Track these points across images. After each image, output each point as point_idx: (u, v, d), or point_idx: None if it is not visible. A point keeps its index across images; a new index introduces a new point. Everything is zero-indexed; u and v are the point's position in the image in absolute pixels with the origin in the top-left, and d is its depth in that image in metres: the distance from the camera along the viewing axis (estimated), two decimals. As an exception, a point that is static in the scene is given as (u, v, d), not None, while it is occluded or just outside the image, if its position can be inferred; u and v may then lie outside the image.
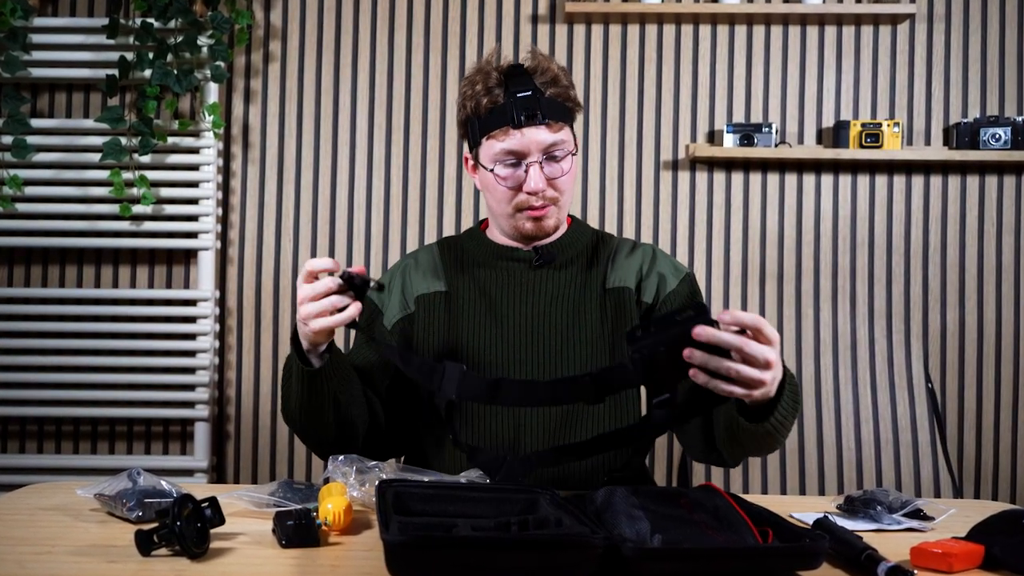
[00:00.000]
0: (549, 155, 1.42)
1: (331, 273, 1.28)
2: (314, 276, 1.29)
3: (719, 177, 2.79)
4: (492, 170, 1.43)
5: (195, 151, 2.74)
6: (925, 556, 0.99)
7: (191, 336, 2.73)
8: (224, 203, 2.80)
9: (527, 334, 1.47)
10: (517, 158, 1.42)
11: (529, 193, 1.42)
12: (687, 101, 2.80)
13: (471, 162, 1.51)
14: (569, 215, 1.57)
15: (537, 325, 1.47)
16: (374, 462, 1.27)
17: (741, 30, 2.80)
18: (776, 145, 2.71)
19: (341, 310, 1.27)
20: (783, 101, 2.80)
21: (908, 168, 2.79)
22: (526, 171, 1.41)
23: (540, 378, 1.44)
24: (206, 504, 1.04)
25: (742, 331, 1.11)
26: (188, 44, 2.62)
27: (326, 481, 1.23)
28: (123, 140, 2.66)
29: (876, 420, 2.66)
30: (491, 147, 1.43)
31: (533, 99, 1.40)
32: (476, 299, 1.50)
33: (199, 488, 1.28)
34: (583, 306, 1.49)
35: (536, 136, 1.40)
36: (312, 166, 2.80)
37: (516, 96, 1.40)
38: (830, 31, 2.80)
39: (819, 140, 2.80)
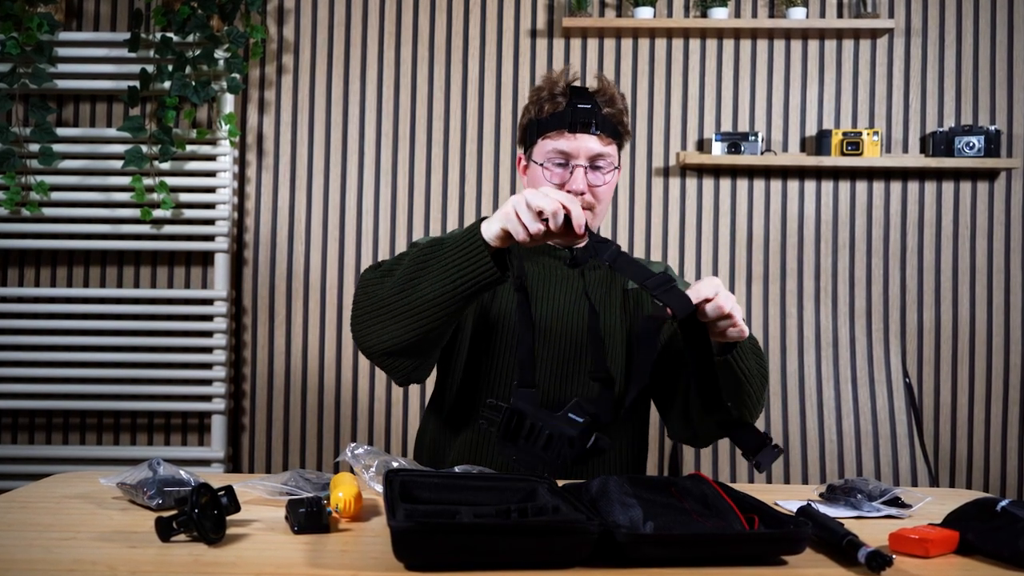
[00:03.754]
0: (594, 164, 1.46)
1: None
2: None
3: (708, 183, 2.79)
4: (542, 164, 1.47)
5: (212, 158, 2.74)
6: (903, 542, 0.99)
7: (208, 334, 2.73)
8: (239, 208, 2.80)
9: (557, 319, 1.49)
10: (566, 159, 1.46)
11: (571, 192, 1.44)
12: (678, 111, 2.80)
13: (524, 162, 1.55)
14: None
15: (565, 313, 1.50)
16: (388, 455, 1.27)
17: (729, 44, 2.80)
18: (762, 153, 2.71)
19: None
20: (768, 111, 2.80)
21: (887, 175, 2.78)
22: (571, 172, 1.45)
23: (564, 360, 1.47)
24: (222, 492, 1.04)
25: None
26: (205, 57, 2.62)
27: (337, 467, 1.22)
28: (144, 148, 2.66)
29: (856, 413, 2.66)
30: (545, 146, 1.47)
31: (591, 112, 1.45)
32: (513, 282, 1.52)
33: (216, 477, 1.28)
34: (607, 302, 1.53)
35: (587, 143, 1.45)
36: (323, 173, 2.80)
37: (577, 106, 1.45)
38: (813, 45, 2.80)
39: (803, 148, 2.79)
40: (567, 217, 1.15)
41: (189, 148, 2.71)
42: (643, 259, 1.63)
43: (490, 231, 1.19)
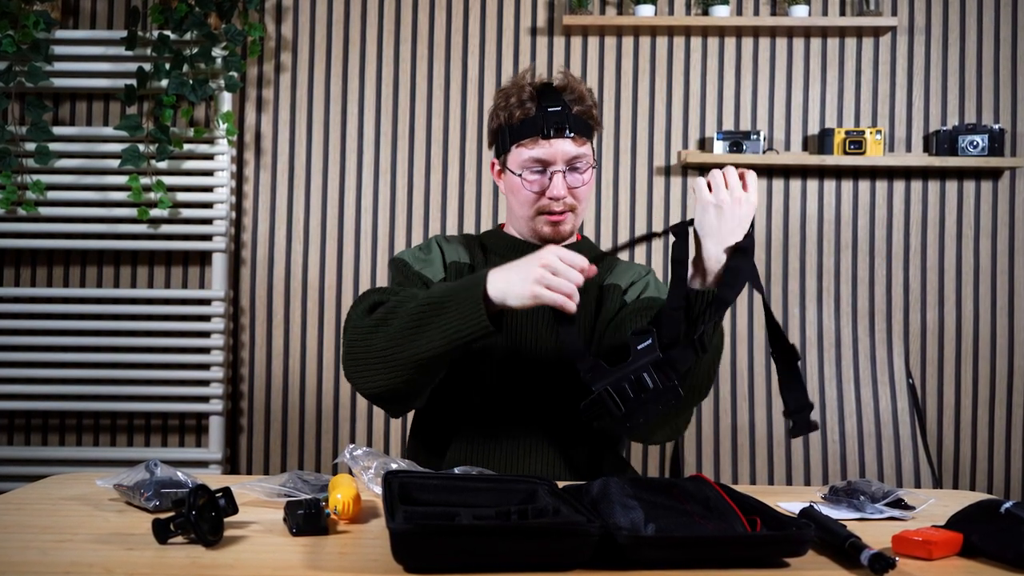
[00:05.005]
0: (572, 166, 1.47)
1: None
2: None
3: (709, 182, 2.79)
4: (520, 175, 1.47)
5: (210, 157, 2.74)
6: (906, 544, 0.99)
7: (205, 334, 2.73)
8: (237, 207, 2.80)
9: (528, 314, 1.49)
10: (543, 166, 1.46)
11: (551, 199, 1.47)
12: (679, 110, 2.80)
13: (497, 167, 1.55)
14: (579, 233, 1.61)
15: (538, 308, 1.49)
16: (388, 456, 1.27)
17: (731, 42, 2.80)
18: (764, 152, 2.71)
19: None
20: (770, 110, 2.80)
21: (890, 174, 2.78)
22: (550, 178, 1.46)
23: (534, 351, 1.47)
24: (220, 494, 1.04)
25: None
26: (203, 55, 2.62)
27: (335, 469, 1.22)
28: (141, 147, 2.66)
29: (859, 414, 2.66)
30: (520, 154, 1.47)
31: (562, 114, 1.45)
32: (490, 263, 1.52)
33: (213, 479, 1.28)
34: (581, 297, 1.51)
35: (562, 147, 1.45)
36: (321, 171, 2.80)
37: (547, 110, 1.45)
38: (815, 43, 2.80)
39: (805, 147, 2.79)
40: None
41: (186, 147, 2.71)
42: (628, 261, 1.63)
43: (509, 295, 1.23)
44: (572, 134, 1.45)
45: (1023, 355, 2.77)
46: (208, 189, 2.74)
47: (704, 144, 2.79)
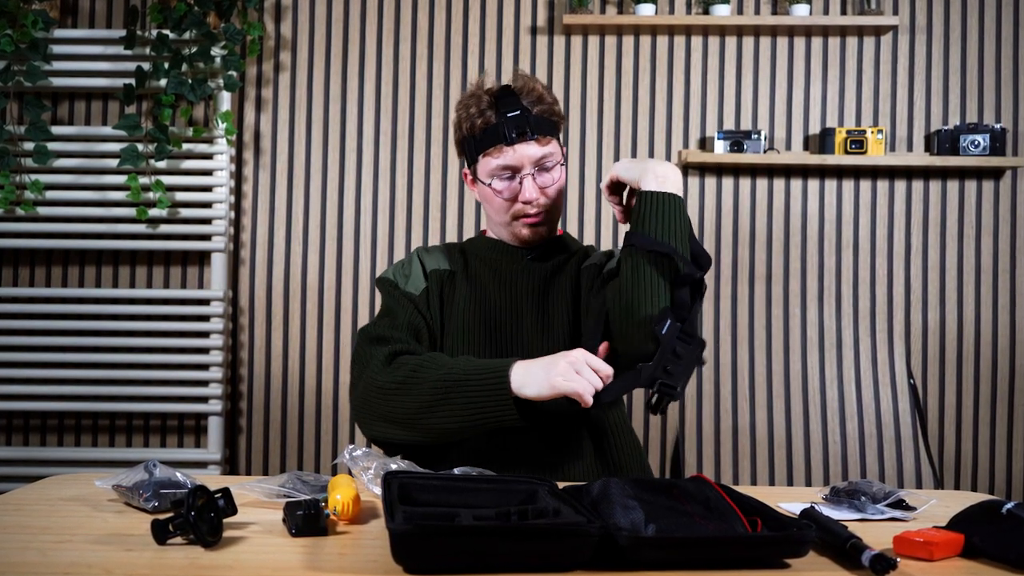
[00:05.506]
0: (540, 166, 1.48)
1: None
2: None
3: (710, 182, 2.79)
4: (490, 184, 1.49)
5: (208, 157, 2.74)
6: (907, 545, 0.99)
7: (204, 334, 2.73)
8: (236, 207, 2.80)
9: (507, 311, 1.51)
10: (512, 171, 1.48)
11: (524, 202, 1.48)
12: (680, 109, 2.80)
13: (470, 177, 1.57)
14: (561, 228, 1.63)
15: (519, 298, 1.52)
16: (387, 457, 1.27)
17: (731, 41, 2.80)
18: (765, 151, 2.71)
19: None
20: (771, 109, 2.80)
21: (891, 173, 2.78)
22: (520, 183, 1.48)
23: (518, 348, 1.49)
24: (219, 495, 1.04)
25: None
26: (202, 55, 2.62)
27: (335, 469, 1.23)
28: (140, 146, 2.66)
29: (860, 415, 2.66)
30: (487, 163, 1.49)
31: (522, 118, 1.46)
32: (472, 277, 1.56)
33: (212, 479, 1.28)
34: (559, 282, 1.54)
35: (527, 151, 1.46)
36: (320, 171, 2.80)
37: (507, 116, 1.46)
38: (816, 42, 2.80)
39: (806, 146, 2.79)
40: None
41: (185, 147, 2.71)
42: (607, 250, 1.62)
43: (526, 386, 1.26)
44: (535, 136, 1.46)
45: (1025, 355, 2.77)
46: (207, 189, 2.74)
47: (705, 144, 2.79)
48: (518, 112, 1.45)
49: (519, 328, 1.50)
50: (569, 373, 1.24)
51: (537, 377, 1.26)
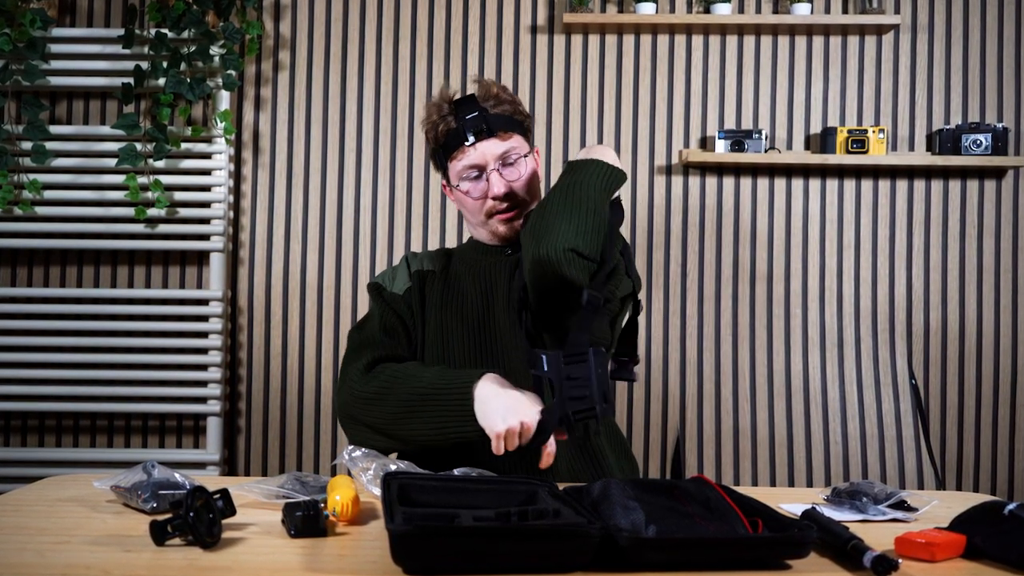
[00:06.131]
0: (505, 162, 1.52)
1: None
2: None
3: (711, 181, 2.79)
4: (459, 186, 1.54)
5: (207, 156, 2.74)
6: (909, 546, 0.99)
7: (203, 334, 2.73)
8: (235, 206, 2.80)
9: (481, 307, 1.54)
10: (478, 170, 1.52)
11: (493, 198, 1.52)
12: (680, 108, 2.80)
13: (447, 186, 1.61)
14: None
15: (494, 294, 1.54)
16: (386, 457, 1.28)
17: (732, 40, 2.80)
18: (766, 151, 2.71)
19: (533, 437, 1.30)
20: (772, 108, 2.80)
21: (893, 173, 2.78)
22: (487, 180, 1.52)
23: (494, 343, 1.50)
24: (218, 496, 1.04)
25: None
26: (201, 54, 2.62)
27: (334, 470, 1.23)
28: (138, 146, 2.66)
29: (862, 415, 2.66)
30: (455, 167, 1.54)
31: (480, 118, 1.51)
32: (451, 277, 1.60)
33: (211, 480, 1.28)
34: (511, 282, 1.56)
35: (489, 148, 1.51)
36: (320, 170, 2.80)
37: (465, 119, 1.51)
38: (818, 41, 2.80)
39: (807, 146, 2.79)
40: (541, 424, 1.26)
41: (184, 146, 2.71)
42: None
43: (480, 415, 1.31)
44: (495, 133, 1.50)
45: (1027, 356, 2.77)
46: (206, 188, 2.74)
47: (706, 143, 2.79)
48: (476, 113, 1.51)
49: (493, 323, 1.52)
50: (512, 436, 1.27)
51: (490, 418, 1.29)
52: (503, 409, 1.28)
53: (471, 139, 1.50)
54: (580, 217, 1.33)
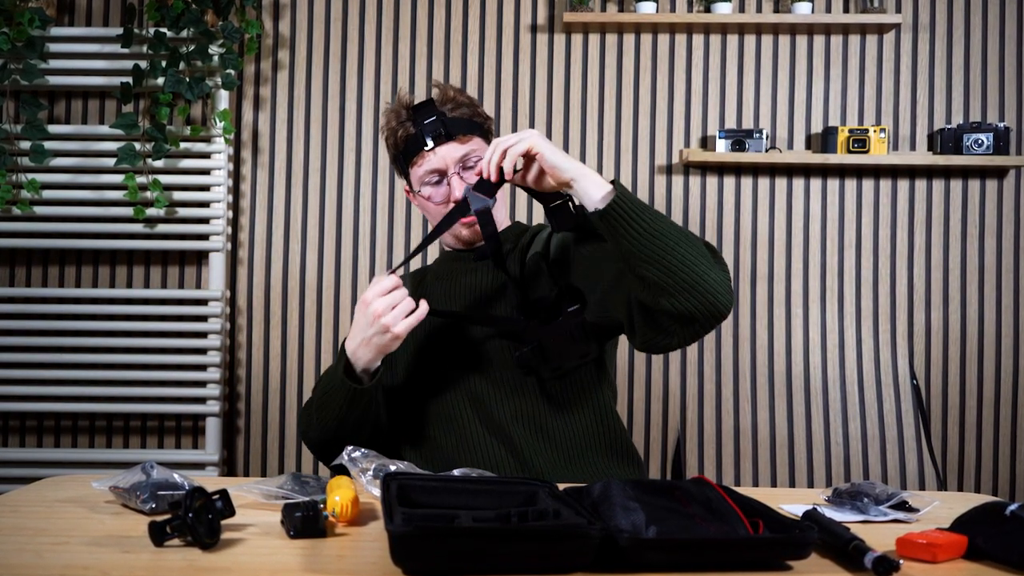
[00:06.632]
0: (466, 165, 1.51)
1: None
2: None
3: (712, 181, 2.79)
4: (420, 192, 1.53)
5: (206, 156, 2.74)
6: (910, 546, 0.99)
7: (202, 334, 2.73)
8: (234, 206, 2.80)
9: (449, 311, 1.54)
10: (439, 175, 1.51)
11: (455, 202, 1.49)
12: (681, 108, 2.80)
13: (410, 192, 1.59)
14: (509, 219, 1.68)
15: (458, 299, 1.55)
16: (386, 458, 1.28)
17: (733, 39, 2.80)
18: (767, 150, 2.71)
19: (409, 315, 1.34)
20: (773, 108, 2.80)
21: (894, 172, 2.78)
22: (448, 184, 1.50)
23: (461, 348, 1.51)
24: (217, 496, 1.04)
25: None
26: (200, 53, 2.62)
27: (334, 471, 1.23)
28: (137, 145, 2.66)
29: (863, 416, 2.66)
30: (416, 173, 1.53)
31: (438, 122, 1.49)
32: (422, 289, 1.60)
33: (210, 481, 1.28)
34: (501, 276, 1.53)
35: (448, 152, 1.49)
36: (319, 170, 2.80)
37: (424, 123, 1.50)
38: (819, 40, 2.80)
39: (808, 145, 2.79)
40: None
41: (183, 145, 2.71)
42: (535, 229, 1.62)
43: (361, 360, 1.38)
44: (454, 136, 1.49)
45: (1028, 356, 2.77)
46: (205, 188, 2.74)
47: (706, 143, 2.79)
48: (434, 118, 1.50)
49: (459, 328, 1.51)
50: (371, 326, 1.32)
51: (362, 352, 1.36)
52: (360, 329, 1.35)
53: (430, 144, 1.48)
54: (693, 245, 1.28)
